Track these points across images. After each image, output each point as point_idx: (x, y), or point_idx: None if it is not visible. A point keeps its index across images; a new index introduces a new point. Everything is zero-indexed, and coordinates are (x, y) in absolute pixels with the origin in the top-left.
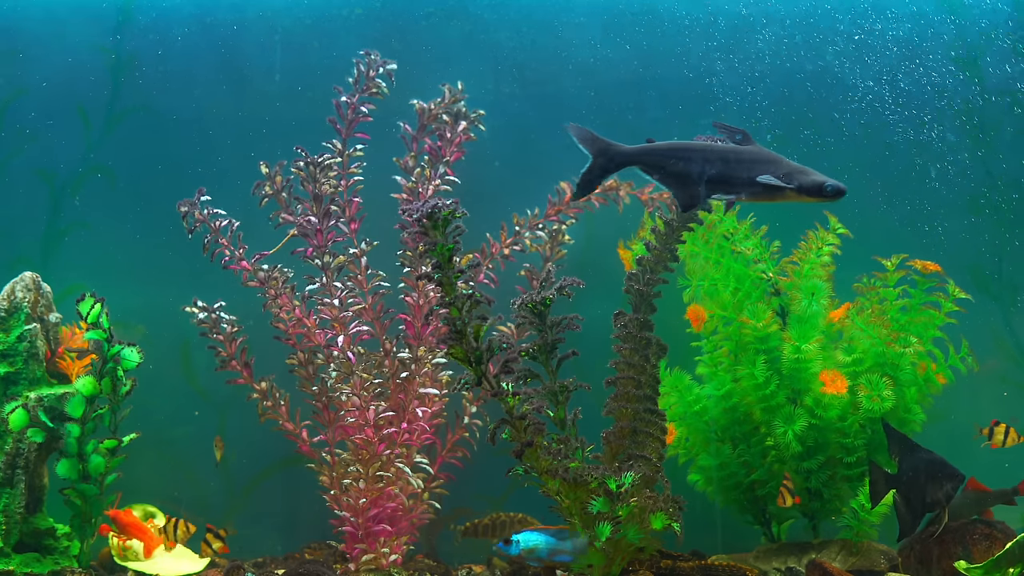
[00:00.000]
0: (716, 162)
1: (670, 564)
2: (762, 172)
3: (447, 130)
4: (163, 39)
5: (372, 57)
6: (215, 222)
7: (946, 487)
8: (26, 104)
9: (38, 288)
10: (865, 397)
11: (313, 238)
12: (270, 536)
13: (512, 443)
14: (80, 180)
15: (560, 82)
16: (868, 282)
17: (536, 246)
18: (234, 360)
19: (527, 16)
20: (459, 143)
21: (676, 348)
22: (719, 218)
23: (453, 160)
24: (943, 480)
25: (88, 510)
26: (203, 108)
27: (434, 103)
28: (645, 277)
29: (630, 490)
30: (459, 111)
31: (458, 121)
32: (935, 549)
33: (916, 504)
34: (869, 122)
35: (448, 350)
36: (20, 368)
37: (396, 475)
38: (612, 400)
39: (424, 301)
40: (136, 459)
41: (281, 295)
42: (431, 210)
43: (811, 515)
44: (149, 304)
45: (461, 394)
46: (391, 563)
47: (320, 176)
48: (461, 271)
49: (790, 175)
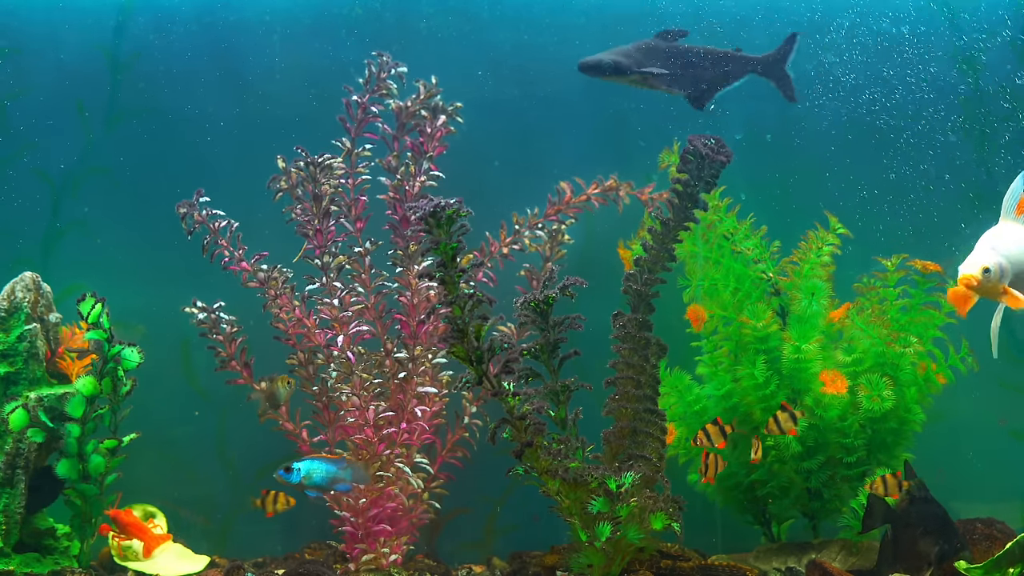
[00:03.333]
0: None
1: (670, 564)
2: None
3: (427, 125)
4: (163, 39)
5: (384, 59)
6: (214, 223)
7: (941, 546)
8: (26, 104)
9: (38, 288)
10: (865, 397)
11: (313, 238)
12: (270, 536)
13: (512, 443)
14: (80, 180)
15: (560, 82)
16: (868, 282)
17: (535, 246)
18: (234, 360)
19: (526, 16)
20: (440, 137)
21: (676, 348)
22: (719, 218)
23: (436, 155)
24: (940, 539)
25: (88, 510)
26: (203, 108)
27: (410, 100)
28: (643, 277)
29: (630, 490)
30: (436, 105)
31: (437, 116)
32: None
33: (903, 548)
34: (869, 122)
35: (450, 349)
36: (20, 368)
37: (396, 475)
38: (612, 400)
39: (419, 300)
40: (136, 459)
41: (281, 295)
42: (435, 208)
43: (811, 515)
44: (149, 304)
45: (461, 394)
46: (391, 563)
47: (320, 176)
48: (463, 270)
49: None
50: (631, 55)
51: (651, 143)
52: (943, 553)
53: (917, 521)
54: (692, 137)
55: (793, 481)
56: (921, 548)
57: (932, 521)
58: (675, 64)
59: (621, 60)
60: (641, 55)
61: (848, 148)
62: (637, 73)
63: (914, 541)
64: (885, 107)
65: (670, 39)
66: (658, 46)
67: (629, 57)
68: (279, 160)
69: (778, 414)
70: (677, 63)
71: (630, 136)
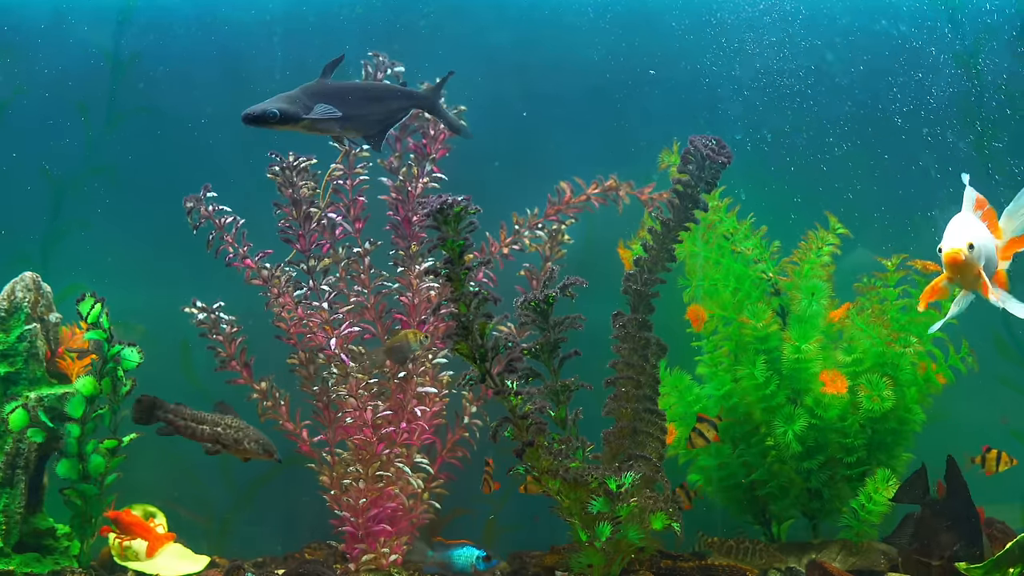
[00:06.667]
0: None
1: (670, 564)
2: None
3: (430, 127)
4: (163, 39)
5: (380, 59)
6: (220, 219)
7: (960, 547)
8: (26, 104)
9: (38, 288)
10: (865, 397)
11: (297, 243)
12: (270, 536)
13: (512, 442)
14: (80, 180)
15: (560, 82)
16: (868, 282)
17: (535, 246)
18: (233, 360)
19: (527, 15)
20: (443, 139)
21: (676, 348)
22: (719, 218)
23: (439, 157)
24: (962, 540)
25: (88, 510)
26: (203, 107)
27: None
28: (643, 277)
29: (630, 490)
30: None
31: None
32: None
33: (925, 532)
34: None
35: (454, 346)
36: (20, 368)
37: (396, 475)
38: (612, 400)
39: (420, 300)
40: (136, 459)
41: (284, 294)
42: (443, 205)
43: (811, 515)
44: (149, 304)
45: (461, 394)
46: (391, 563)
47: (297, 180)
48: (470, 268)
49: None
50: (298, 100)
51: (651, 143)
52: (958, 553)
53: (949, 515)
54: (693, 138)
55: (793, 481)
56: (942, 540)
57: (963, 523)
58: (346, 105)
59: (287, 108)
60: (310, 99)
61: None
62: (307, 120)
63: (938, 531)
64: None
65: (329, 72)
66: (325, 86)
67: (296, 102)
68: (290, 156)
69: (697, 425)
70: (347, 103)
71: (630, 136)
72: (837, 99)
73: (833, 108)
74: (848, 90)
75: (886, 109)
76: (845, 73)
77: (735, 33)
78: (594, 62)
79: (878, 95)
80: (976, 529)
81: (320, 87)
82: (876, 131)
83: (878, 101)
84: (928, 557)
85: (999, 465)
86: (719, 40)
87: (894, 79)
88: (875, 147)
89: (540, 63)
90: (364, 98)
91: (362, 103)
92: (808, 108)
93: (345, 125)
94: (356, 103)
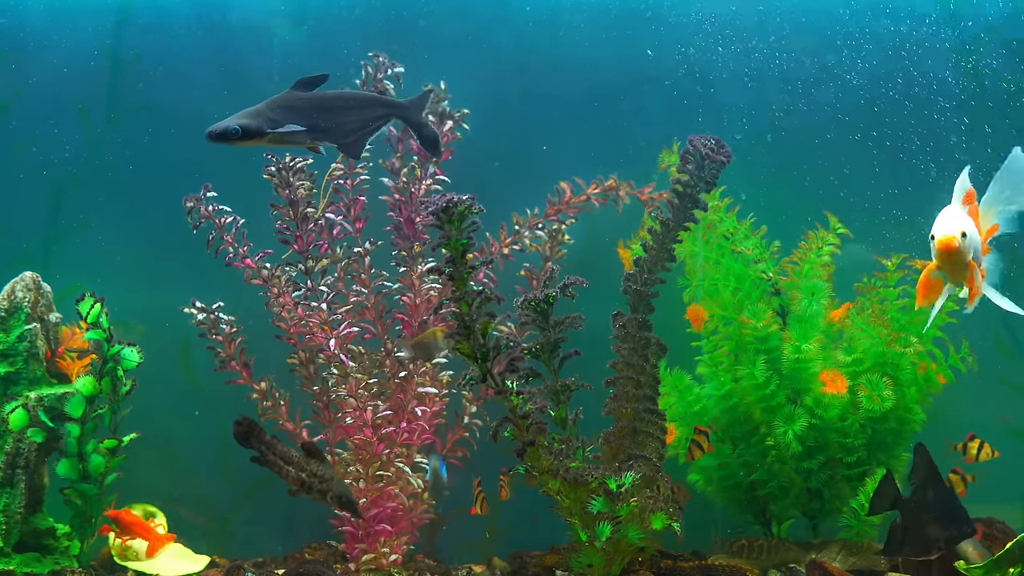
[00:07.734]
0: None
1: (670, 564)
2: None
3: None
4: (163, 39)
5: (380, 59)
6: (219, 219)
7: (951, 532)
8: (26, 104)
9: (38, 288)
10: (865, 397)
11: (294, 244)
12: (270, 536)
13: (512, 442)
14: (80, 180)
15: (560, 82)
16: (868, 282)
17: (536, 246)
18: (233, 360)
19: (527, 16)
20: (446, 143)
21: (676, 348)
22: (719, 218)
23: (442, 159)
24: (951, 525)
25: (88, 510)
26: (203, 108)
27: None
28: (643, 277)
29: (630, 490)
30: (443, 111)
31: (443, 121)
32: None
33: (913, 533)
34: (869, 122)
35: (455, 345)
36: (20, 368)
37: (396, 475)
38: (612, 400)
39: (421, 300)
40: (136, 459)
41: (283, 294)
42: (447, 204)
43: (811, 515)
44: (149, 304)
45: (461, 394)
46: (391, 563)
47: (294, 180)
48: (472, 267)
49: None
50: (262, 114)
51: (651, 143)
52: (952, 537)
53: (926, 507)
54: (692, 137)
55: (793, 481)
56: (931, 533)
57: (941, 507)
58: (316, 116)
59: (250, 123)
60: (275, 112)
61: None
62: (272, 134)
63: (923, 526)
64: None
65: (308, 88)
66: (293, 98)
67: (259, 117)
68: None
69: (695, 437)
70: (318, 114)
71: (630, 136)
72: (837, 99)
73: (833, 108)
74: (848, 90)
75: (886, 109)
76: (846, 73)
77: (735, 33)
78: (594, 62)
79: (878, 95)
80: (958, 507)
81: (287, 99)
82: (876, 131)
83: (878, 101)
84: (926, 555)
85: (979, 454)
86: (719, 40)
87: (894, 79)
88: (875, 147)
89: (540, 63)
90: (335, 108)
91: (333, 113)
92: (808, 108)
93: (315, 136)
94: (326, 113)
